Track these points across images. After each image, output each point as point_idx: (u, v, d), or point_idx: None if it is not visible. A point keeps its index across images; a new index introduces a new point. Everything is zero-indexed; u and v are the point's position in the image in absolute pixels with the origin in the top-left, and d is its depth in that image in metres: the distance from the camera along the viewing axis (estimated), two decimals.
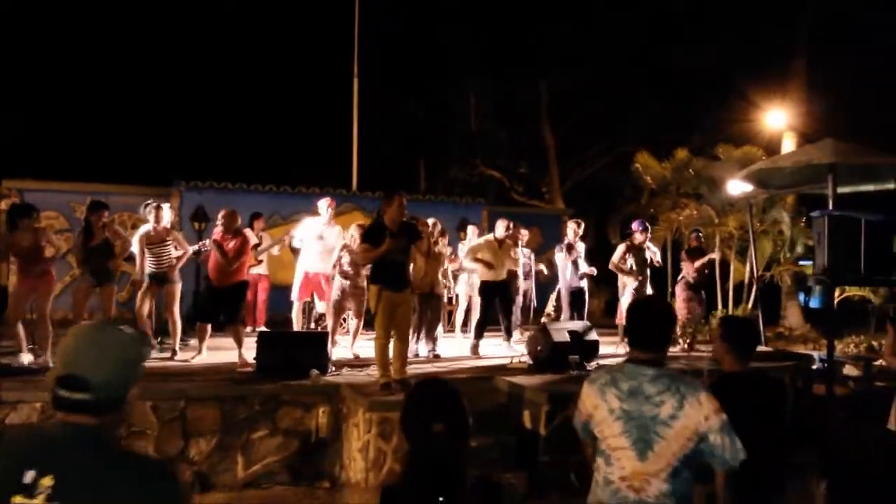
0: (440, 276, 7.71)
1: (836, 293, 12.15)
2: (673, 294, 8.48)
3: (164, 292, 6.97)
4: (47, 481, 1.36)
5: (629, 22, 16.39)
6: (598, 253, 9.08)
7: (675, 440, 2.32)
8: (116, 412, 1.52)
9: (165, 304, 7.11)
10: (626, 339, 7.89)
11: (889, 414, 4.57)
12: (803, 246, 12.41)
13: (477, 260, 7.82)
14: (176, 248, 7.04)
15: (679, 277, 8.23)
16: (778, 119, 14.13)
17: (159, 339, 7.61)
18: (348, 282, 6.96)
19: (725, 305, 12.49)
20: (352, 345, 7.41)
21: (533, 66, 16.87)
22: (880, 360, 8.37)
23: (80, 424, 1.45)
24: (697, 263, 8.19)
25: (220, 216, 6.90)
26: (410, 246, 5.84)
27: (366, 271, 6.87)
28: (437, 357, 7.48)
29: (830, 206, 7.73)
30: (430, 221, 7.41)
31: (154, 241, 6.89)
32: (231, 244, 6.80)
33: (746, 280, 11.65)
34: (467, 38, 16.73)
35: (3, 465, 1.40)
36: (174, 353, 6.96)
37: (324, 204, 7.82)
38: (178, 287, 7.06)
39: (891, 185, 8.49)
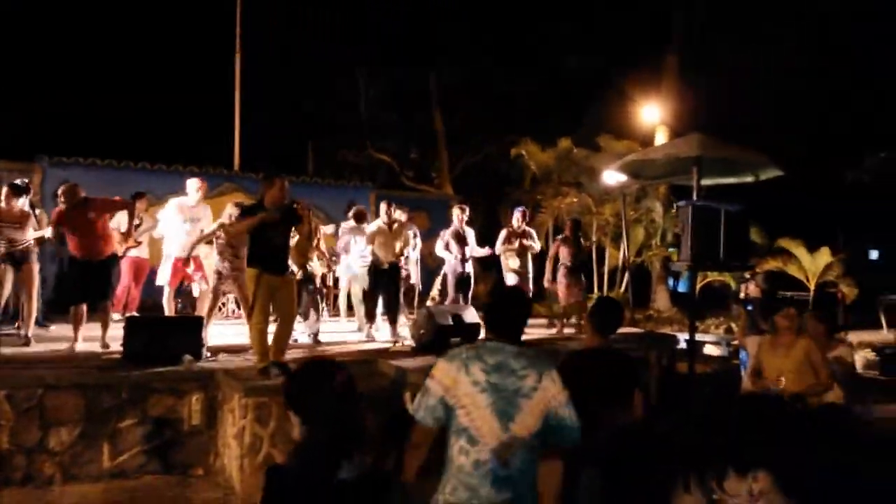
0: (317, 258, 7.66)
1: (700, 278, 13.08)
2: (552, 280, 8.78)
3: (22, 275, 6.46)
4: None
5: (518, 14, 16.72)
6: (489, 237, 9.28)
7: (531, 413, 2.41)
8: None
9: (23, 287, 6.59)
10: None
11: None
12: (672, 234, 13.24)
13: (371, 245, 7.81)
14: (35, 229, 6.55)
15: (559, 264, 8.54)
16: (652, 114, 14.94)
17: (17, 324, 7.07)
18: (226, 263, 6.73)
19: (601, 289, 13.14)
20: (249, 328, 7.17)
21: (423, 54, 16.90)
22: (736, 340, 9.09)
23: None
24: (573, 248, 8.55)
25: (59, 193, 6.43)
26: (290, 229, 5.71)
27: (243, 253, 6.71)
28: (317, 342, 7.40)
29: (695, 197, 8.27)
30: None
31: (8, 221, 6.37)
32: (89, 215, 6.35)
33: (620, 265, 12.30)
34: (358, 22, 16.53)
35: None
36: (28, 340, 6.46)
37: (193, 184, 7.50)
38: (36, 268, 6.57)
39: (749, 179, 9.19)
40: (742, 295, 8.28)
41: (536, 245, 8.67)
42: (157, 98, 16.18)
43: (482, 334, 7.34)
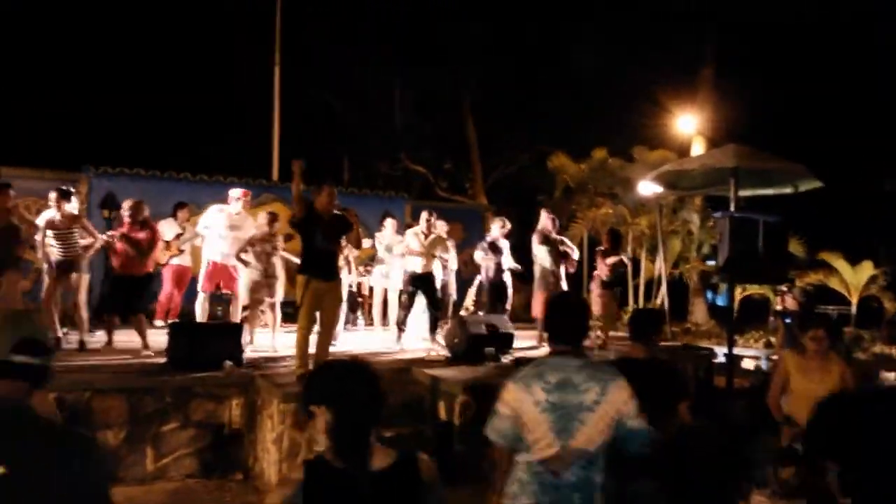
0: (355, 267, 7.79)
1: (739, 291, 12.89)
2: (588, 290, 8.75)
3: (71, 282, 6.69)
4: None
5: (550, 24, 16.76)
6: (521, 248, 9.28)
7: (595, 425, 2.45)
8: (47, 382, 1.69)
9: (72, 294, 6.82)
10: (544, 334, 8.16)
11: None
12: (710, 246, 13.08)
13: (412, 252, 7.90)
14: (83, 236, 6.78)
15: (594, 274, 8.51)
16: (688, 124, 14.82)
17: (65, 330, 7.31)
18: (259, 271, 6.87)
19: (636, 301, 13.03)
20: (272, 336, 7.34)
21: (456, 64, 17.02)
22: (775, 354, 8.94)
23: (9, 395, 1.57)
24: (609, 261, 8.48)
25: (125, 206, 6.68)
26: (341, 237, 5.80)
27: (276, 261, 6.90)
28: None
29: (732, 208, 8.19)
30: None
31: (60, 228, 6.61)
32: (141, 234, 6.62)
33: (655, 277, 12.19)
34: (391, 32, 16.72)
35: None
36: (82, 345, 6.70)
37: (235, 193, 7.70)
38: (86, 277, 6.80)
39: (788, 190, 9.07)
40: (779, 308, 8.15)
41: (574, 253, 8.60)
42: (199, 110, 16.60)
43: (515, 342, 7.37)
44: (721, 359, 9.99)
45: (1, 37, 15.28)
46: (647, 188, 9.93)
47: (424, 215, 8.06)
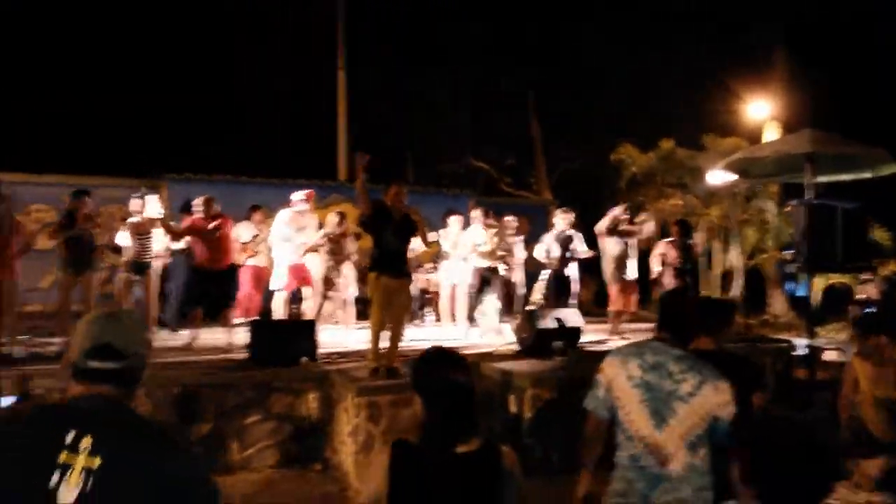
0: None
1: (821, 281, 12.40)
2: (656, 281, 8.62)
3: (145, 282, 7.08)
4: (87, 440, 1.50)
5: (615, 13, 16.48)
6: (587, 243, 9.23)
7: (687, 417, 2.48)
8: (136, 385, 1.68)
9: (146, 293, 7.21)
10: (618, 327, 8.12)
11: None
12: (787, 234, 12.63)
13: (481, 253, 8.03)
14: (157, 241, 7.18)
15: (663, 265, 8.38)
16: (761, 110, 14.34)
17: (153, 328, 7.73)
18: (329, 270, 7.10)
19: (710, 295, 12.70)
20: (346, 333, 7.58)
21: (518, 57, 16.96)
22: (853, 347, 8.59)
23: (105, 395, 1.60)
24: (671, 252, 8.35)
25: (197, 203, 7.01)
26: (410, 235, 5.92)
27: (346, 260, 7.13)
28: None
29: (808, 195, 7.92)
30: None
31: (140, 232, 7.00)
32: (211, 224, 6.91)
33: (730, 268, 11.86)
34: (454, 28, 16.79)
35: (47, 429, 1.54)
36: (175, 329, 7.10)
37: (299, 195, 7.97)
38: (154, 277, 7.20)
39: (867, 175, 8.69)
40: (862, 297, 7.85)
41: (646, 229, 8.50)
42: (268, 115, 17.14)
43: (582, 337, 7.35)
44: (802, 351, 9.68)
45: (82, 49, 16.20)
46: (718, 177, 9.67)
47: (478, 213, 8.15)
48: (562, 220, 8.47)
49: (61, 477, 1.48)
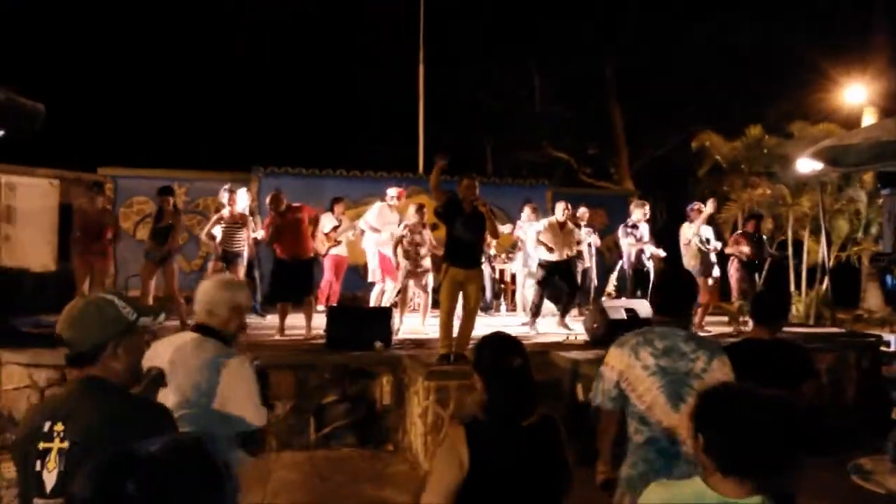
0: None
1: None
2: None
3: (231, 270, 7.52)
4: (59, 426, 1.75)
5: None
6: (669, 234, 9.09)
7: None
8: (95, 363, 1.86)
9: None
10: (702, 321, 7.98)
11: None
12: (879, 225, 11.99)
13: (540, 243, 8.06)
14: (250, 230, 7.61)
15: (732, 256, 8.20)
16: (857, 94, 13.59)
17: None
18: (409, 261, 7.34)
19: (799, 287, 12.24)
20: (422, 321, 7.86)
21: (598, 44, 16.71)
22: None
23: (80, 378, 1.87)
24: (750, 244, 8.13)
25: (267, 200, 7.39)
26: (482, 227, 6.05)
27: (425, 251, 7.33)
28: None
29: None
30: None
31: (228, 223, 7.46)
32: (287, 220, 7.24)
33: (820, 261, 11.35)
34: (532, 16, 16.71)
35: (32, 421, 1.84)
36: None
37: (392, 192, 8.28)
38: (242, 268, 7.62)
39: None
40: None
41: (713, 242, 8.33)
42: (350, 108, 17.69)
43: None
44: (894, 347, 9.24)
45: (182, 51, 17.19)
46: (807, 166, 9.29)
47: (561, 206, 8.16)
48: (638, 211, 8.39)
49: (42, 462, 1.73)
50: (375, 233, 8.19)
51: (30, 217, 10.60)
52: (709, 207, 8.02)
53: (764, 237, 8.21)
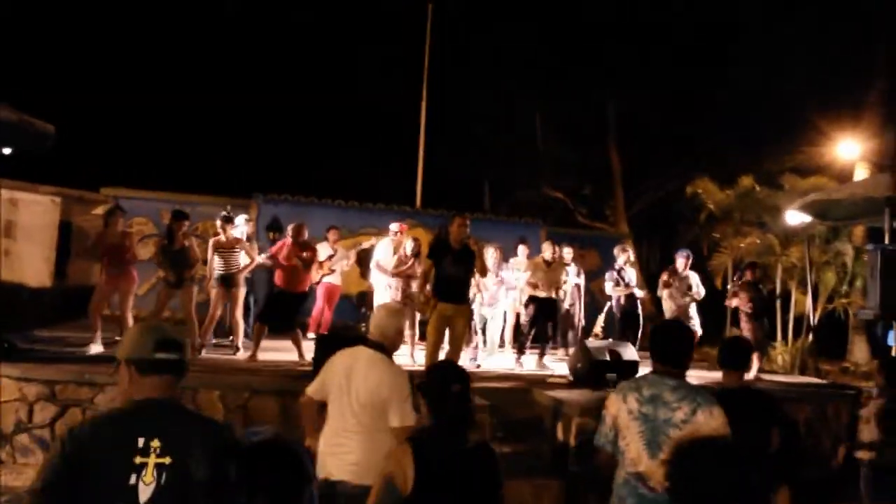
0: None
1: None
2: (735, 323, 8.55)
3: (230, 295, 7.64)
4: (156, 442, 1.88)
5: (699, 46, 16.35)
6: (656, 277, 9.27)
7: (679, 442, 2.54)
8: (184, 376, 2.06)
9: (231, 306, 7.76)
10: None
11: None
12: (864, 279, 12.15)
13: (529, 283, 8.24)
14: (244, 255, 7.75)
15: (739, 308, 8.29)
16: (850, 150, 13.87)
17: (230, 337, 8.33)
18: (399, 292, 7.48)
19: (785, 337, 12.36)
20: (410, 352, 7.96)
21: (599, 87, 17.06)
22: None
23: (161, 398, 1.97)
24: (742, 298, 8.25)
25: (290, 229, 7.58)
26: (468, 263, 6.22)
27: (415, 284, 7.47)
28: (477, 367, 7.90)
29: (887, 241, 7.71)
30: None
31: (224, 248, 7.61)
32: (303, 254, 7.47)
33: (806, 312, 11.50)
34: (535, 57, 17.07)
35: (120, 436, 1.90)
36: (236, 349, 7.61)
37: (395, 226, 8.49)
38: (242, 291, 7.74)
39: None
40: None
41: (700, 291, 8.48)
42: (348, 139, 18.03)
43: (640, 371, 7.41)
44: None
45: (182, 77, 17.55)
46: (795, 217, 9.51)
47: (547, 245, 8.37)
48: (622, 256, 8.57)
49: (138, 476, 1.84)
50: (385, 274, 8.28)
51: (30, 233, 10.75)
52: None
53: (761, 286, 8.32)
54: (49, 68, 16.52)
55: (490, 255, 7.97)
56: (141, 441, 1.86)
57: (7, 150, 6.60)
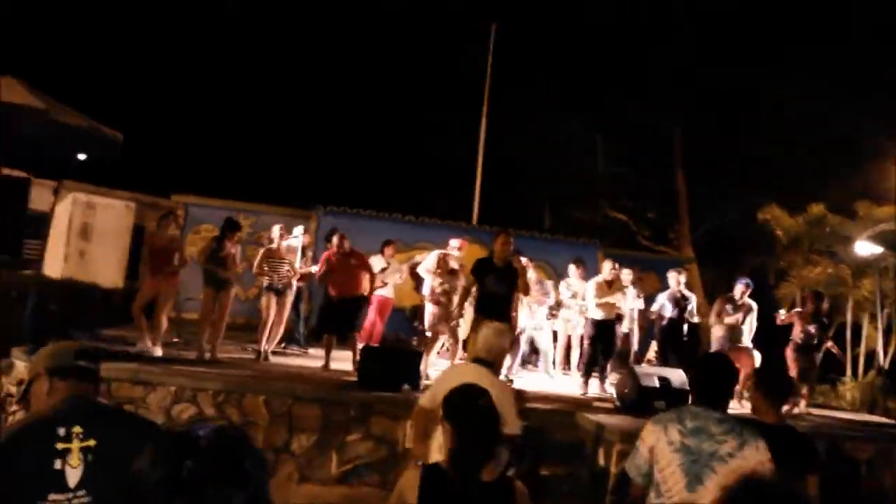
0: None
1: None
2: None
3: (279, 303, 7.84)
4: (77, 429, 1.93)
5: (768, 66, 15.83)
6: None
7: (725, 478, 2.47)
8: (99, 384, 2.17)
9: (279, 313, 7.97)
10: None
11: None
12: None
13: (598, 304, 8.14)
14: (291, 265, 7.97)
15: (790, 339, 7.98)
16: None
17: (283, 344, 8.56)
18: (439, 307, 7.52)
19: (855, 372, 11.76)
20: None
21: (668, 109, 16.73)
22: None
23: (82, 395, 2.05)
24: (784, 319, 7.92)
25: (334, 237, 7.77)
26: (514, 282, 6.21)
27: (457, 298, 7.50)
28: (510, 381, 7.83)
29: None
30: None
31: (275, 257, 7.83)
32: (348, 260, 7.61)
33: (878, 348, 10.93)
34: (599, 73, 16.91)
35: (41, 430, 1.95)
36: (266, 356, 7.75)
37: (456, 242, 8.52)
38: (289, 299, 7.95)
39: None
40: None
41: (753, 322, 8.17)
42: (411, 155, 18.29)
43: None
44: None
45: (258, 92, 18.21)
46: (865, 248, 9.14)
47: (608, 265, 8.23)
48: (674, 280, 8.37)
49: (63, 460, 1.89)
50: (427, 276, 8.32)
51: (105, 236, 11.33)
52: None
53: (822, 317, 7.94)
54: (132, 80, 17.46)
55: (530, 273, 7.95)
56: (62, 430, 1.90)
57: (82, 156, 7.01)
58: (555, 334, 9.94)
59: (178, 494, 1.07)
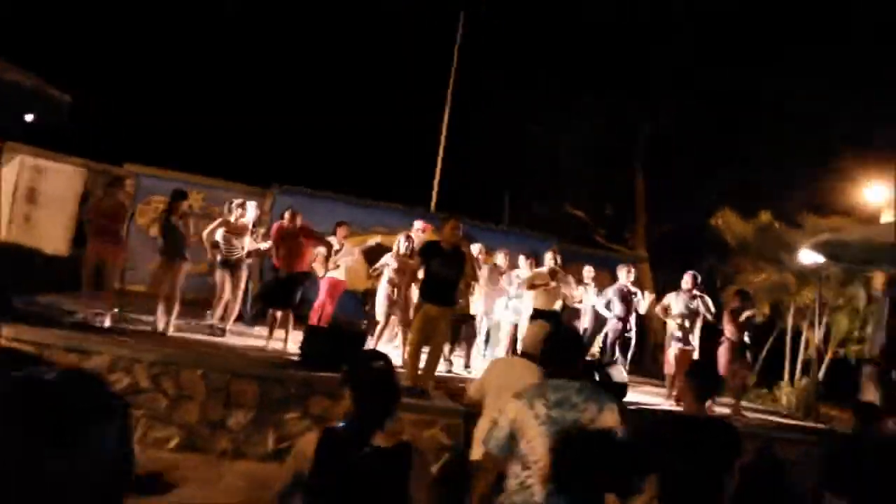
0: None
1: None
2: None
3: (233, 277, 7.75)
4: None
5: (736, 70, 16.06)
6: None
7: None
8: None
9: (233, 289, 7.87)
10: (672, 391, 8.02)
11: None
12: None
13: (532, 286, 8.21)
14: (253, 240, 7.87)
15: (721, 339, 8.19)
16: (878, 194, 13.57)
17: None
18: (394, 289, 7.52)
19: (792, 378, 12.12)
20: (404, 352, 7.98)
21: (629, 106, 16.92)
22: None
23: None
24: (742, 318, 8.11)
25: (285, 213, 7.73)
26: (460, 268, 6.25)
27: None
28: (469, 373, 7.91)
29: None
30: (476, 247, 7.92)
31: (231, 232, 7.73)
32: (300, 238, 7.54)
33: (815, 355, 11.25)
34: (565, 70, 16.99)
35: None
36: (223, 333, 7.71)
37: (419, 224, 8.53)
38: (244, 275, 7.87)
39: None
40: None
41: (709, 312, 8.35)
42: (371, 139, 18.22)
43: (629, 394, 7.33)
44: None
45: (221, 71, 17.90)
46: (808, 257, 9.37)
47: (549, 255, 8.34)
48: (623, 274, 8.51)
49: None
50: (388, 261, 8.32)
51: (52, 201, 11.02)
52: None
53: (748, 315, 8.14)
54: (89, 44, 16.97)
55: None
56: None
57: (30, 118, 6.79)
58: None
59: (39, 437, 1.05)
